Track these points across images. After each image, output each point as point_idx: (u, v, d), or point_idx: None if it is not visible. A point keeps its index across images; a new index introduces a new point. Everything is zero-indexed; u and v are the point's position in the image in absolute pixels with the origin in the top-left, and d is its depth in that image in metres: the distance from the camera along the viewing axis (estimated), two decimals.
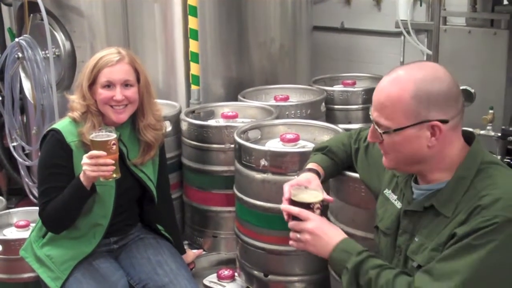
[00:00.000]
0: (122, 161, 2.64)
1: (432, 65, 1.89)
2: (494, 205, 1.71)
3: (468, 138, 1.90)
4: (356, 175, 2.41)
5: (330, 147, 2.44)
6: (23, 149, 4.43)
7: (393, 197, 2.05)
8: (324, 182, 2.39)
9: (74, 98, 2.67)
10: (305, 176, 2.28)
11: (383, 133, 1.83)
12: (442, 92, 1.78)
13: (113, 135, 2.47)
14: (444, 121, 1.78)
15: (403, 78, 1.81)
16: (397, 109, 1.79)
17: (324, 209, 2.77)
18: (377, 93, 1.86)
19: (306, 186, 2.12)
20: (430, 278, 1.74)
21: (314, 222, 1.98)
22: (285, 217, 2.07)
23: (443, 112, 1.78)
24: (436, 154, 1.82)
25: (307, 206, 2.02)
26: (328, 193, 2.73)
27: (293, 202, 2.04)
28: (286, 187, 2.14)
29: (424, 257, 1.83)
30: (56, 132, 2.63)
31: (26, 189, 4.46)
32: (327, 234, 1.97)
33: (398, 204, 2.01)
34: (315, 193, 2.07)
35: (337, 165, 2.44)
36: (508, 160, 3.11)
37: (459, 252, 1.71)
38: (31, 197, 4.44)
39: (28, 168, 4.47)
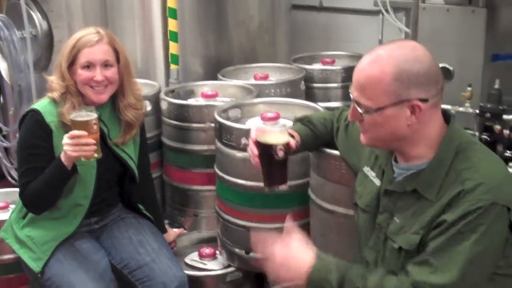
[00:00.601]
0: (103, 141, 2.63)
1: (412, 44, 1.89)
2: (477, 189, 1.73)
3: (446, 116, 1.92)
4: (337, 152, 2.42)
5: (310, 119, 2.45)
6: (0, 130, 4.39)
7: (371, 174, 2.07)
8: (300, 151, 2.40)
9: (53, 79, 2.65)
10: None
11: (364, 112, 1.84)
12: (422, 71, 1.79)
13: (94, 115, 2.46)
14: (424, 100, 1.79)
15: (383, 58, 1.81)
16: (378, 89, 1.80)
17: (304, 186, 2.82)
18: (357, 73, 1.85)
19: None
20: (430, 270, 1.76)
21: (276, 255, 1.90)
22: (251, 156, 2.17)
23: (423, 91, 1.79)
24: (415, 132, 1.84)
25: (270, 147, 2.08)
26: (309, 170, 2.77)
27: (258, 144, 2.11)
28: (253, 129, 2.18)
29: (405, 239, 1.85)
30: (36, 112, 2.61)
31: (4, 170, 4.44)
32: (295, 261, 1.89)
33: (377, 182, 2.03)
34: (279, 136, 2.11)
35: (315, 136, 2.43)
36: (485, 137, 3.13)
37: (452, 241, 1.74)
38: (9, 178, 4.42)
39: (6, 149, 4.44)
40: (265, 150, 2.09)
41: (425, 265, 1.77)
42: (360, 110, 1.85)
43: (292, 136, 2.29)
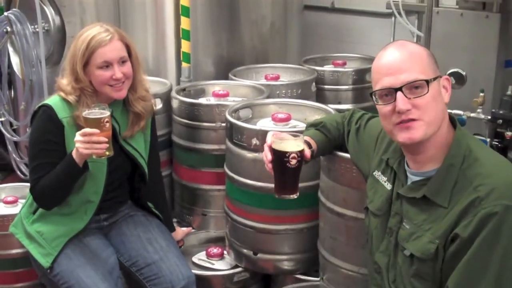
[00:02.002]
0: (114, 138, 2.63)
1: None
2: (491, 194, 1.73)
3: (452, 121, 1.92)
4: (347, 155, 2.42)
5: (324, 123, 2.44)
6: (11, 124, 4.40)
7: (382, 179, 2.07)
8: (315, 157, 2.40)
9: (66, 83, 2.63)
10: None
11: (429, 82, 1.81)
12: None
13: (107, 113, 2.46)
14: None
15: (407, 42, 1.91)
16: (424, 63, 1.84)
17: (314, 188, 2.81)
18: (395, 59, 1.85)
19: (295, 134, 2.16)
20: None
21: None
22: (265, 162, 2.14)
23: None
24: (443, 117, 1.86)
25: (283, 154, 2.06)
26: (319, 172, 2.76)
27: (272, 150, 2.10)
28: (270, 134, 2.16)
29: (419, 247, 1.85)
30: (48, 107, 2.61)
31: (14, 165, 4.44)
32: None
33: (388, 186, 2.02)
34: (295, 143, 2.09)
35: (329, 141, 2.43)
36: (496, 143, 3.13)
37: (478, 257, 1.72)
38: (18, 173, 4.42)
39: (16, 143, 4.45)
40: (279, 157, 2.08)
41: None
42: (416, 90, 1.81)
43: (309, 144, 2.29)
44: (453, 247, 1.77)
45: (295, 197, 2.16)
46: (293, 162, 2.06)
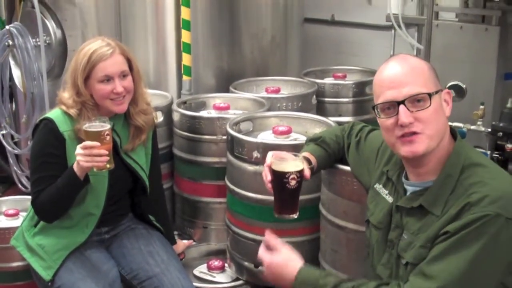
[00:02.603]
0: (115, 151, 2.64)
1: None
2: (483, 201, 1.74)
3: (452, 133, 1.93)
4: (348, 168, 2.43)
5: (324, 138, 2.45)
6: (12, 137, 4.41)
7: (384, 192, 2.07)
8: (316, 172, 2.40)
9: (67, 97, 2.64)
10: None
11: (431, 95, 1.82)
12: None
13: (107, 126, 2.46)
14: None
15: (408, 56, 1.92)
16: (425, 76, 1.85)
17: (315, 200, 2.82)
18: (397, 72, 1.86)
19: (294, 154, 2.16)
20: (424, 279, 1.76)
21: (268, 260, 2.05)
22: (265, 182, 2.14)
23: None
24: (445, 131, 1.87)
25: (283, 175, 2.06)
26: (320, 185, 2.77)
27: (271, 170, 2.10)
28: (269, 155, 2.16)
29: (413, 254, 1.86)
30: (49, 121, 2.62)
31: (15, 177, 4.44)
32: (284, 270, 2.00)
33: (390, 199, 2.03)
34: (294, 164, 2.09)
35: (329, 156, 2.44)
36: (497, 155, 3.13)
37: (452, 249, 1.74)
38: (19, 185, 4.42)
39: (17, 156, 4.45)
40: (278, 177, 2.08)
41: (420, 274, 1.78)
42: (419, 103, 1.82)
43: (308, 160, 2.30)
44: (439, 240, 1.78)
45: (295, 217, 2.16)
46: (293, 183, 2.07)
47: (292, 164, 2.09)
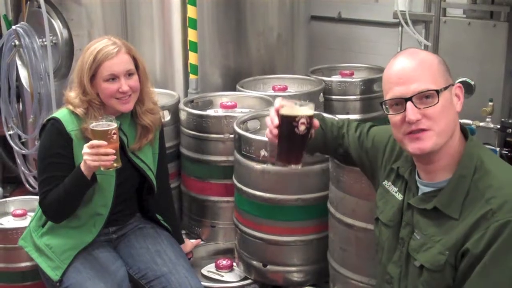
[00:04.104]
0: (122, 151, 2.63)
1: None
2: (503, 207, 1.72)
3: (464, 131, 1.91)
4: (357, 168, 2.40)
5: (323, 117, 2.43)
6: (19, 137, 4.41)
7: (393, 189, 2.06)
8: (311, 144, 2.26)
9: (74, 96, 2.64)
10: None
11: (439, 92, 1.80)
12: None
13: (114, 125, 2.46)
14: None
15: (418, 50, 1.91)
16: (434, 71, 1.83)
17: (323, 199, 2.80)
18: (406, 68, 1.84)
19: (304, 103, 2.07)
20: None
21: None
22: (270, 127, 2.08)
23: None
24: (455, 127, 1.85)
25: (293, 118, 1.99)
26: (328, 183, 2.75)
27: (280, 116, 2.02)
28: (278, 99, 2.09)
29: (429, 258, 1.84)
30: (56, 121, 2.62)
31: (22, 177, 4.44)
32: None
33: (399, 196, 2.01)
34: (304, 109, 2.01)
35: (325, 134, 2.35)
36: (506, 152, 3.12)
37: (490, 266, 1.71)
38: (27, 185, 4.42)
39: (24, 156, 4.45)
40: (287, 121, 1.99)
41: None
42: (427, 99, 1.80)
43: None
44: (465, 263, 1.76)
45: (299, 168, 2.07)
46: (302, 128, 1.98)
47: (302, 109, 2.01)
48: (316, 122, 2.11)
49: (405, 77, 1.83)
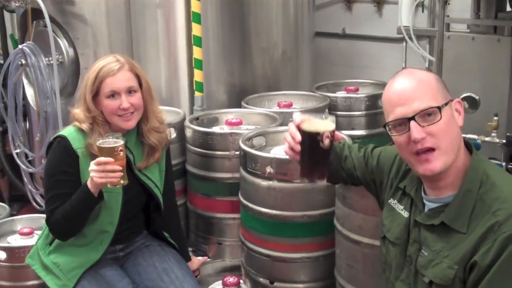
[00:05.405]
0: (129, 168, 2.63)
1: None
2: (510, 219, 1.72)
3: (468, 146, 1.91)
4: None
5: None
6: (26, 155, 4.43)
7: (399, 207, 2.05)
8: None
9: (79, 112, 2.65)
10: None
11: (441, 108, 1.80)
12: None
13: (120, 142, 2.47)
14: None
15: (414, 69, 1.91)
16: (433, 89, 1.83)
17: (330, 215, 2.80)
18: (405, 88, 1.85)
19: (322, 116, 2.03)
20: None
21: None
22: (291, 143, 2.03)
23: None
24: (459, 142, 1.85)
25: (316, 134, 1.96)
26: (334, 200, 2.75)
27: (302, 131, 1.99)
28: (297, 114, 2.05)
29: (437, 273, 1.83)
30: (63, 138, 2.63)
31: (30, 196, 4.45)
32: None
33: (405, 214, 2.01)
34: (326, 123, 1.99)
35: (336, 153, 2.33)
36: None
37: (497, 278, 1.71)
38: (34, 204, 4.43)
39: (31, 175, 4.47)
40: (311, 137, 1.97)
41: None
42: (429, 117, 1.81)
43: None
44: (473, 276, 1.75)
45: (325, 182, 2.06)
46: (326, 142, 1.95)
47: (325, 123, 1.98)
48: (338, 134, 2.10)
49: (405, 97, 1.83)
